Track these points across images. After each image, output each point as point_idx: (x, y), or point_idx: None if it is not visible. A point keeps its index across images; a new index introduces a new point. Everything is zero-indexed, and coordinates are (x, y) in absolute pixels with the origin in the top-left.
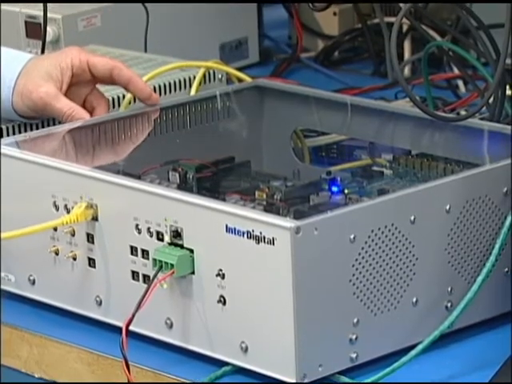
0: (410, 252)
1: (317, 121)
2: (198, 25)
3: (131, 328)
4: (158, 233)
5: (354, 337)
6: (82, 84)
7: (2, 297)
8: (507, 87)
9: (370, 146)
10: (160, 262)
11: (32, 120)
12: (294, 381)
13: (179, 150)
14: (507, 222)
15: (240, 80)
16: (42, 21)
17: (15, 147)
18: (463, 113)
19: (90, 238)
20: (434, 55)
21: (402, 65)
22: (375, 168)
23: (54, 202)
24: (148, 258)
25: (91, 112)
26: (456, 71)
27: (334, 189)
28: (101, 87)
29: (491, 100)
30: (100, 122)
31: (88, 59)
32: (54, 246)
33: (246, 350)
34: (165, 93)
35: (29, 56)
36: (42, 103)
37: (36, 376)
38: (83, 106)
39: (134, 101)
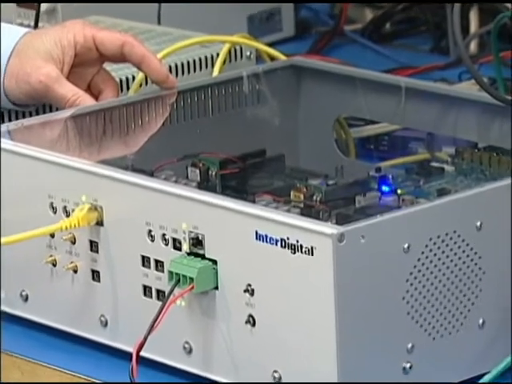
0: (476, 264)
1: (364, 107)
2: None
3: (143, 353)
4: (174, 240)
5: (408, 365)
6: (86, 64)
7: None
8: None
9: (428, 138)
10: (177, 275)
11: (26, 108)
12: None
13: (200, 142)
14: None
15: (272, 58)
16: None
17: (5, 137)
18: None
19: (94, 246)
20: (505, 28)
21: (467, 39)
22: (434, 164)
23: (51, 204)
24: (163, 271)
25: (97, 96)
26: None
27: (385, 188)
28: (106, 66)
29: None
30: (106, 107)
31: (94, 35)
32: (51, 256)
33: (279, 379)
34: (182, 73)
35: (22, 30)
36: (42, 87)
37: None
38: (88, 89)
39: (146, 83)
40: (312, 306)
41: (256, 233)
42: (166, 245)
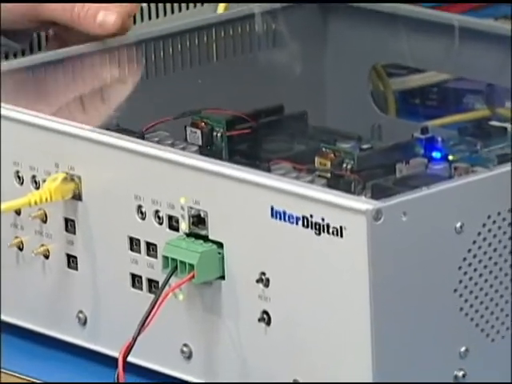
0: None
1: (407, 52)
2: None
3: (130, 359)
4: (170, 218)
5: (460, 374)
6: None
7: None
8: None
9: (487, 90)
10: (174, 261)
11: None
12: None
13: (201, 95)
14: None
15: None
16: None
17: None
18: None
19: (70, 225)
20: None
21: None
22: (495, 123)
23: (17, 172)
24: (156, 256)
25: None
26: None
27: (433, 154)
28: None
29: None
30: (85, 52)
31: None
32: (17, 238)
33: None
34: (179, 10)
35: None
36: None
37: None
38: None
39: (134, 22)
40: (340, 300)
41: (272, 209)
42: (160, 224)
